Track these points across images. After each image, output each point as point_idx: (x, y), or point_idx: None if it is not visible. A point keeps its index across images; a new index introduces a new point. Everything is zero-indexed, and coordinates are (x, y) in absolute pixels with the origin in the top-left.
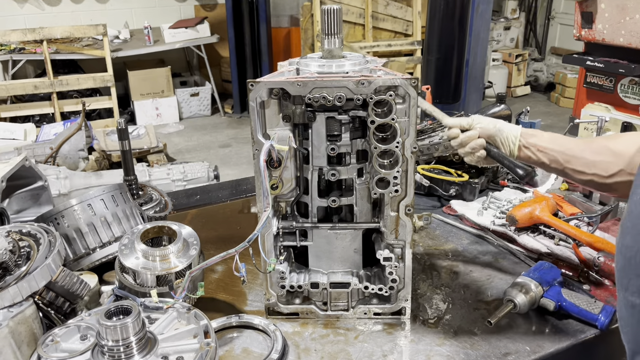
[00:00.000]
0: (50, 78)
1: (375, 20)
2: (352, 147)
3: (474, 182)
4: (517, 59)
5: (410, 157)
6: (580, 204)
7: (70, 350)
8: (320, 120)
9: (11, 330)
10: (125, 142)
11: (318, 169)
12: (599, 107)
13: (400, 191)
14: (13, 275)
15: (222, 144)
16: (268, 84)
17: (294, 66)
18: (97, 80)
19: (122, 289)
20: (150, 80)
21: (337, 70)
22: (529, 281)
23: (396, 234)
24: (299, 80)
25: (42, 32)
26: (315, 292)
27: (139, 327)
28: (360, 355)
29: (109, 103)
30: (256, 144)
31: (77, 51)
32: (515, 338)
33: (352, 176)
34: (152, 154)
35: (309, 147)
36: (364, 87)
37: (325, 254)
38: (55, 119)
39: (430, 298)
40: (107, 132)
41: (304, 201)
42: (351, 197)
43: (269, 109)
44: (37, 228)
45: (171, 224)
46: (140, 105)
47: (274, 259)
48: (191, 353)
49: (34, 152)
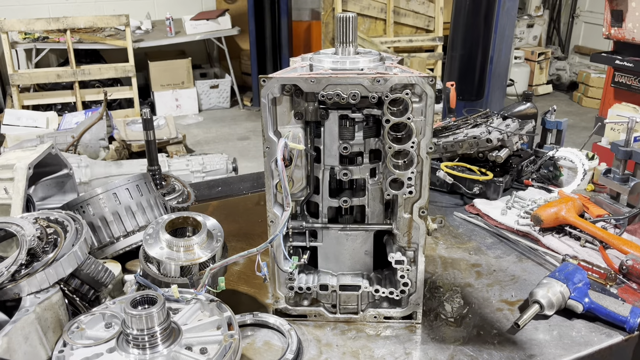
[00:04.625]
0: (72, 67)
1: (396, 15)
2: (365, 146)
3: (498, 180)
4: (540, 57)
5: (426, 158)
6: (607, 206)
7: (95, 338)
8: (333, 118)
9: (38, 316)
10: (149, 132)
11: (329, 168)
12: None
13: (414, 192)
14: (41, 261)
15: (241, 137)
16: (280, 80)
17: (307, 62)
18: (118, 70)
19: (145, 278)
20: (171, 71)
21: (351, 67)
22: (556, 282)
23: (409, 236)
24: (312, 76)
25: (65, 21)
26: (324, 294)
27: (163, 317)
28: (383, 352)
29: (129, 93)
30: (267, 141)
31: (100, 41)
32: (541, 340)
33: (365, 176)
34: (172, 145)
35: (320, 146)
36: (380, 84)
37: (335, 255)
38: (77, 108)
39: (452, 297)
40: (127, 122)
41: (314, 201)
42: (363, 197)
43: (280, 106)
44: (64, 215)
45: (196, 215)
46: (160, 96)
47: (295, 257)
48: (214, 345)
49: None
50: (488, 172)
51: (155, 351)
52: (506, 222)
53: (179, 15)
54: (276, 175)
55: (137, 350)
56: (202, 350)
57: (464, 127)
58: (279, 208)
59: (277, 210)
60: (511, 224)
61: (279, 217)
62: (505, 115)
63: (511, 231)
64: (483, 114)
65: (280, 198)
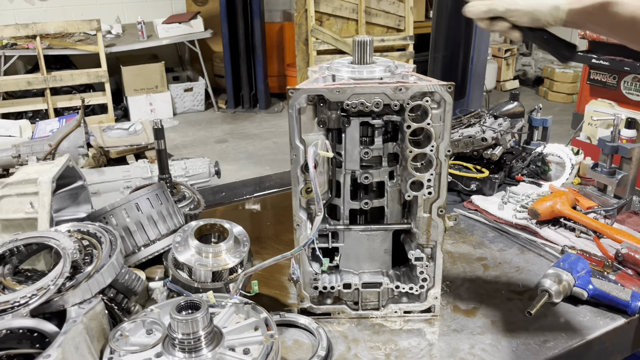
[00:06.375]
0: (43, 74)
1: (368, 15)
2: (384, 150)
3: (494, 177)
4: (506, 54)
5: (444, 160)
6: (596, 198)
7: (139, 344)
8: (354, 125)
9: (85, 326)
10: (160, 142)
11: (350, 172)
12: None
13: (433, 193)
14: (83, 273)
15: (218, 140)
16: (307, 91)
17: (326, 72)
18: (91, 75)
19: (175, 284)
20: (144, 76)
21: (369, 77)
22: (561, 272)
23: (428, 234)
24: (337, 87)
25: (35, 27)
26: (346, 292)
27: (207, 322)
28: (407, 344)
29: (103, 99)
30: (294, 149)
31: (70, 46)
32: (551, 326)
33: (384, 179)
34: (150, 150)
35: (341, 151)
36: (401, 93)
37: (355, 255)
38: (49, 116)
39: (465, 289)
40: (103, 128)
41: (334, 204)
42: (382, 199)
43: (304, 115)
44: (96, 227)
45: (223, 222)
46: (134, 101)
47: (327, 259)
48: (256, 345)
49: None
50: (483, 169)
51: (200, 354)
52: (504, 216)
53: (149, 18)
54: (302, 181)
55: (183, 354)
56: (245, 351)
57: (458, 127)
58: (304, 212)
59: (302, 214)
60: (509, 218)
61: (304, 220)
62: (496, 115)
63: (510, 225)
64: (475, 114)
65: (305, 202)
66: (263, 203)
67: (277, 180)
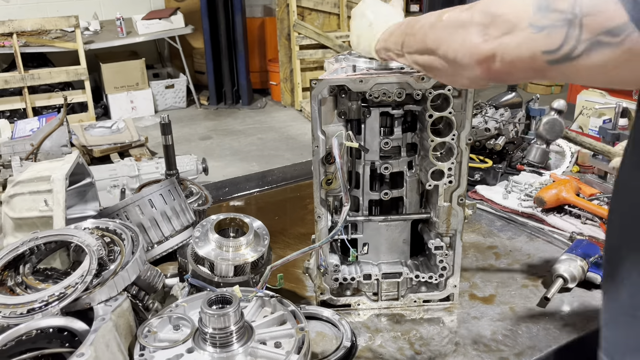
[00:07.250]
0: (21, 72)
1: (349, 9)
2: (403, 140)
3: (497, 167)
4: None
5: (465, 149)
6: (597, 185)
7: (167, 340)
8: (374, 116)
9: (114, 323)
10: (168, 137)
11: (370, 162)
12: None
13: (453, 182)
14: (108, 270)
15: (202, 137)
16: (330, 82)
17: (344, 62)
18: (70, 73)
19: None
20: (124, 73)
21: (389, 66)
22: (575, 257)
23: (448, 223)
24: (360, 76)
25: (11, 24)
26: (366, 283)
27: (239, 316)
28: (430, 332)
29: (83, 97)
30: (316, 140)
31: (48, 44)
32: (568, 310)
33: (403, 169)
34: (134, 148)
35: (361, 142)
36: (424, 82)
37: (375, 246)
38: (27, 115)
39: (480, 278)
40: (85, 127)
41: (354, 195)
42: (401, 189)
43: (324, 106)
44: (117, 224)
45: (242, 216)
46: (114, 99)
47: (354, 250)
48: (287, 338)
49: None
50: (487, 159)
51: (232, 349)
52: (509, 205)
53: (128, 14)
54: (322, 172)
55: (214, 349)
56: (277, 344)
57: None
58: (324, 204)
59: (322, 206)
60: (514, 206)
61: (325, 212)
62: (496, 105)
63: (516, 213)
64: (476, 105)
65: (324, 194)
66: (268, 197)
67: (280, 174)
